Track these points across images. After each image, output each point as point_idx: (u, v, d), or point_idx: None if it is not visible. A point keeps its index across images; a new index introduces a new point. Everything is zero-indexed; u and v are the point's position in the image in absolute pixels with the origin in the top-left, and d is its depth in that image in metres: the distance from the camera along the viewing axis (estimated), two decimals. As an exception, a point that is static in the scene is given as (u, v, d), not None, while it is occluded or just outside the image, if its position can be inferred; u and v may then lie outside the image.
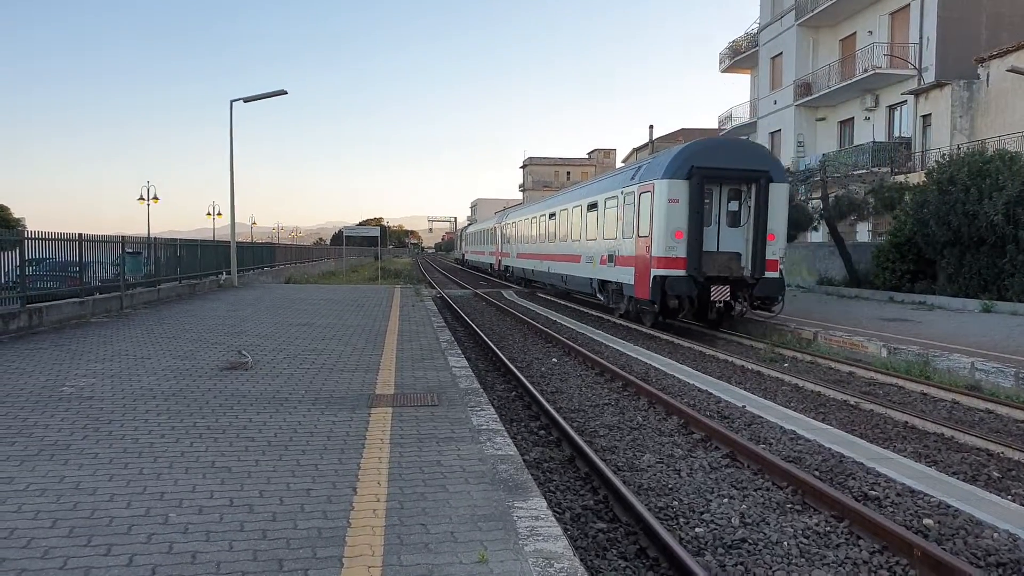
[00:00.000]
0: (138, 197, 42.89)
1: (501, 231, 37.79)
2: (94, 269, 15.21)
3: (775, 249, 15.28)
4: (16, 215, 39.31)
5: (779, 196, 15.34)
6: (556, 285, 25.38)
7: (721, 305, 15.44)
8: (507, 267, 35.58)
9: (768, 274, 15.13)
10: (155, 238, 20.11)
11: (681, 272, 14.90)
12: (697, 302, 15.28)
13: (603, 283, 19.41)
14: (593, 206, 20.31)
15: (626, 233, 17.23)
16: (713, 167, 15.08)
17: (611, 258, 18.24)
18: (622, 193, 17.67)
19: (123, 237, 16.98)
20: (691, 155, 15.23)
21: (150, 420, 6.29)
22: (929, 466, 6.71)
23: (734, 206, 15.67)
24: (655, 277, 15.18)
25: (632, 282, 16.62)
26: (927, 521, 5.37)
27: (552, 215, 25.60)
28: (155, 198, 43.36)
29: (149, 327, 12.86)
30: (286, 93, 25.16)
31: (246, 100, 24.79)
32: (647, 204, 15.79)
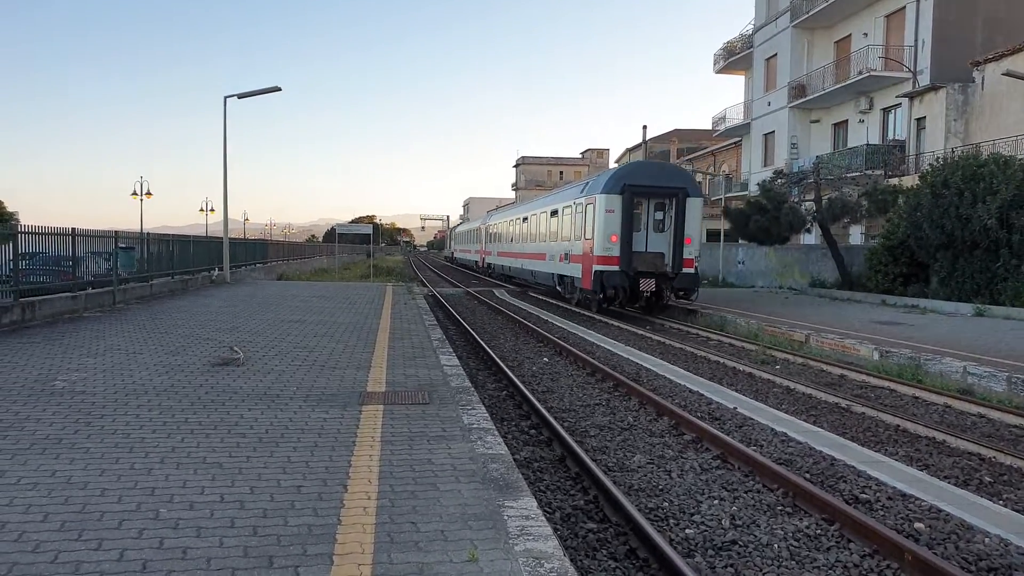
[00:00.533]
0: (131, 192, 42.69)
1: (485, 232, 41.30)
2: (87, 264, 15.15)
3: (691, 250, 18.67)
4: (10, 209, 39.03)
5: (694, 208, 18.81)
6: (527, 280, 28.75)
7: (649, 294, 18.53)
8: (489, 264, 39.01)
9: (685, 270, 18.51)
10: (148, 233, 20.03)
11: (616, 268, 18.28)
12: (629, 292, 18.40)
13: (561, 277, 22.61)
14: (555, 213, 23.58)
15: (577, 236, 20.47)
16: (641, 185, 18.63)
17: (567, 256, 21.55)
18: (574, 203, 21.02)
19: (116, 232, 16.91)
20: (624, 175, 18.98)
21: (142, 415, 6.27)
22: (921, 470, 6.74)
23: (659, 215, 19.10)
24: (596, 272, 18.47)
25: (580, 276, 19.93)
26: (918, 525, 5.40)
27: (525, 219, 28.98)
28: (148, 193, 43.15)
29: (141, 322, 12.82)
30: (280, 90, 25.09)
31: (240, 96, 24.71)
32: (591, 213, 19.15)
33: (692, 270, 18.56)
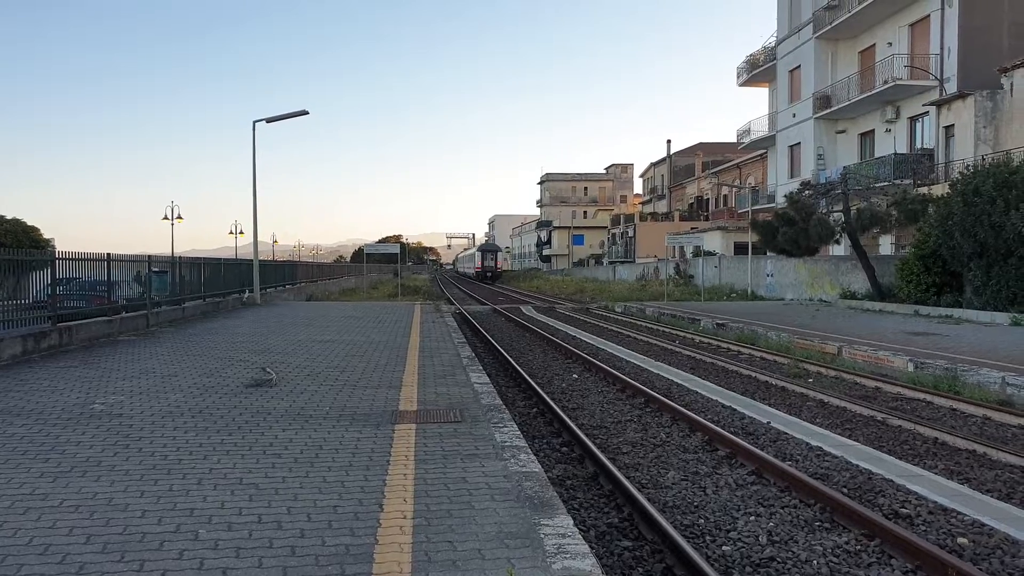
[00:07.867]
0: (162, 216, 43.51)
1: (464, 259, 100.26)
2: (121, 288, 15.42)
3: (500, 265, 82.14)
4: (45, 236, 39.87)
5: (500, 254, 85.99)
6: (468, 274, 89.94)
7: (488, 277, 74.72)
8: (465, 272, 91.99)
9: (498, 270, 78.83)
10: (179, 257, 20.36)
11: (480, 269, 77.61)
12: (484, 275, 75.50)
13: (475, 272, 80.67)
14: (472, 255, 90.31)
15: (472, 260, 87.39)
16: (486, 249, 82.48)
17: (474, 267, 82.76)
18: (474, 252, 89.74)
19: (150, 257, 17.22)
20: (483, 247, 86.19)
21: (178, 437, 6.36)
22: (961, 483, 6.60)
23: (491, 255, 79.56)
24: (476, 271, 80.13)
25: (474, 271, 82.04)
26: (962, 540, 5.28)
27: (471, 254, 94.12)
28: (179, 217, 43.94)
29: (175, 345, 13.02)
30: (307, 113, 25.48)
31: (268, 120, 25.13)
32: (476, 256, 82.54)
33: (500, 270, 79.92)
